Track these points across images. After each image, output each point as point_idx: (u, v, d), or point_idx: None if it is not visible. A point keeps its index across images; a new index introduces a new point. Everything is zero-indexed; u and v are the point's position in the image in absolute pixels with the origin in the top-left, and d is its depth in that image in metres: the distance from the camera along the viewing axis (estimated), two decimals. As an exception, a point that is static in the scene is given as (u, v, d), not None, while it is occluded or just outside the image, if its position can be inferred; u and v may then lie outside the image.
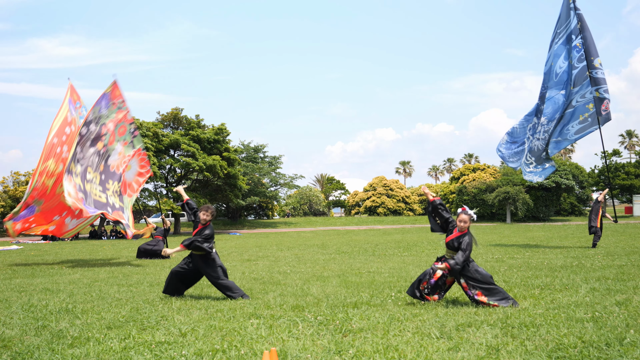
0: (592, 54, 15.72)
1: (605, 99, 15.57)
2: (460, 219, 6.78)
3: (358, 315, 6.06)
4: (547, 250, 15.59)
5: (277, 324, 5.73)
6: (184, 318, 6.10)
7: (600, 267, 10.44)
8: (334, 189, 77.05)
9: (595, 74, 15.63)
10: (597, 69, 15.63)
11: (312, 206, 62.21)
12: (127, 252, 19.11)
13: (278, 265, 12.59)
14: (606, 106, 15.61)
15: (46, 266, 13.69)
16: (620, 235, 21.94)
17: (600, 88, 15.58)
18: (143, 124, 36.12)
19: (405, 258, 14.10)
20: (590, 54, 15.72)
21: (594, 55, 15.70)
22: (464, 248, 6.58)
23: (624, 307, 6.17)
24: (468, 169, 57.81)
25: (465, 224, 6.73)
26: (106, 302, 7.35)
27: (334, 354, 4.55)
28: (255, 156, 52.21)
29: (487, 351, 4.51)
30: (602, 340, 4.69)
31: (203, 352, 4.65)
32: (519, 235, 24.64)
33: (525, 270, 10.34)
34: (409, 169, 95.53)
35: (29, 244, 26.81)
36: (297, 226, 47.73)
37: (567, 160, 65.84)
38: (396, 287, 8.42)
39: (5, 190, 38.01)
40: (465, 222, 6.73)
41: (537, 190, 47.76)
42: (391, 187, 60.23)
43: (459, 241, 6.69)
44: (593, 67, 15.65)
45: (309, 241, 23.88)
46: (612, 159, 53.45)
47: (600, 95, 15.57)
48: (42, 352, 4.73)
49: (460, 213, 6.82)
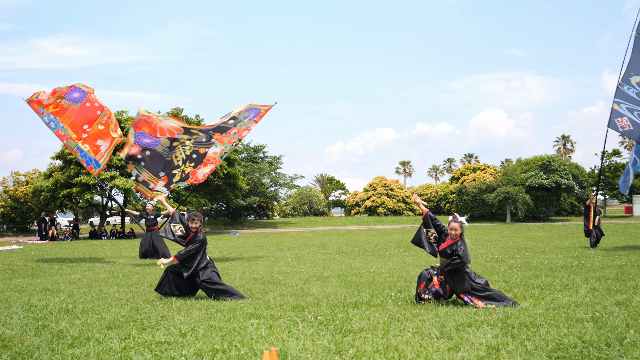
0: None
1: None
2: (450, 227, 6.78)
3: (358, 315, 6.06)
4: (547, 250, 15.60)
5: (277, 324, 5.73)
6: (184, 318, 6.10)
7: (600, 267, 10.44)
8: (334, 189, 77.03)
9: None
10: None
11: (312, 206, 62.20)
12: (127, 252, 19.11)
13: (278, 265, 12.59)
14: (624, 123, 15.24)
15: (46, 266, 13.69)
16: (620, 236, 21.95)
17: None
18: (143, 124, 36.16)
19: (405, 258, 14.10)
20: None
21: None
22: (461, 254, 6.60)
23: (624, 307, 6.17)
24: (468, 169, 57.81)
25: (456, 232, 6.73)
26: (106, 302, 7.35)
27: (334, 354, 4.55)
28: (255, 156, 52.22)
29: (487, 351, 4.51)
30: (602, 340, 4.69)
31: (203, 352, 4.65)
32: (519, 235, 24.64)
33: (525, 270, 10.34)
34: (409, 169, 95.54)
35: (29, 244, 26.81)
36: (297, 226, 47.73)
37: (567, 160, 65.84)
38: (396, 287, 8.42)
39: (5, 190, 38.03)
40: (455, 229, 6.74)
41: (537, 190, 47.75)
42: (391, 187, 60.22)
43: (452, 249, 6.71)
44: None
45: (309, 241, 23.88)
46: (612, 159, 53.41)
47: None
48: (42, 352, 4.73)
49: (450, 221, 6.83)
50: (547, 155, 51.16)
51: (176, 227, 7.88)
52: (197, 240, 7.66)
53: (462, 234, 6.78)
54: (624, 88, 15.27)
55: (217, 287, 7.57)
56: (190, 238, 7.73)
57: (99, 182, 32.89)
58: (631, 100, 15.18)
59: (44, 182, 34.43)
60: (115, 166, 33.83)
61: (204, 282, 7.57)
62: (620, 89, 15.29)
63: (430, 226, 7.06)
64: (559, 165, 48.87)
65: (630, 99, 15.19)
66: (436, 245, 7.02)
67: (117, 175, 32.93)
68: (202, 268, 7.62)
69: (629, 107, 15.17)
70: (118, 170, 33.88)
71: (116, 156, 33.68)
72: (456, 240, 6.74)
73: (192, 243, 7.65)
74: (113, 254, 18.29)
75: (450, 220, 6.85)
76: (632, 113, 15.18)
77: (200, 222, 7.78)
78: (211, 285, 7.56)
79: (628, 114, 15.12)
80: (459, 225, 6.76)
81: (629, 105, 15.20)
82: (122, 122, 35.29)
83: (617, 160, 53.20)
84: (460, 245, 6.68)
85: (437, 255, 7.03)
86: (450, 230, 6.79)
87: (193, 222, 7.75)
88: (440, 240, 6.97)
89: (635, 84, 15.25)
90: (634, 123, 15.07)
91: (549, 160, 48.87)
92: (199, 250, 7.63)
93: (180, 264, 7.69)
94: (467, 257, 6.64)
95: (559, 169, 48.07)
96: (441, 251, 6.84)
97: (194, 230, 7.78)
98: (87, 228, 43.50)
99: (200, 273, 7.60)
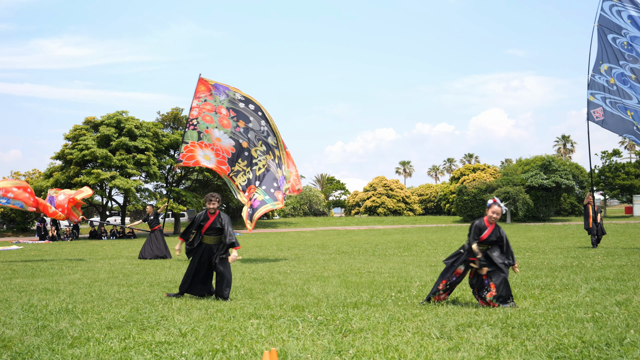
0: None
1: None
2: (493, 210, 6.70)
3: (358, 315, 6.06)
4: (547, 250, 15.59)
5: (277, 324, 5.73)
6: (184, 318, 6.10)
7: (600, 267, 10.44)
8: (334, 189, 77.02)
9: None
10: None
11: (312, 206, 62.19)
12: (127, 252, 19.11)
13: (278, 265, 12.59)
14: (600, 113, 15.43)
15: (46, 266, 13.69)
16: (620, 236, 21.95)
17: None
18: (143, 124, 36.15)
19: (405, 258, 14.10)
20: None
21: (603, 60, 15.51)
22: (507, 240, 6.67)
23: (624, 307, 6.17)
24: (468, 169, 57.80)
25: (497, 216, 6.69)
26: (106, 302, 7.35)
27: (334, 354, 4.55)
28: (255, 156, 52.14)
29: (487, 351, 4.51)
30: (602, 340, 4.69)
31: (203, 352, 4.65)
32: (519, 235, 24.63)
33: (525, 270, 10.34)
34: (409, 169, 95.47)
35: (29, 244, 26.81)
36: (297, 226, 47.72)
37: (567, 160, 65.82)
38: (396, 287, 8.42)
39: (5, 190, 38.03)
40: (497, 213, 6.69)
41: (537, 190, 47.76)
42: (391, 187, 60.21)
43: (497, 235, 6.66)
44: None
45: (309, 241, 23.88)
46: (612, 159, 53.39)
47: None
48: (42, 352, 4.73)
49: (492, 205, 6.75)
50: (547, 155, 51.16)
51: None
52: (225, 220, 7.61)
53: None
54: (596, 78, 15.53)
55: (229, 270, 7.61)
56: (211, 222, 7.59)
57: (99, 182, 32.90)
58: (602, 88, 15.41)
59: (44, 182, 34.45)
60: (115, 166, 33.85)
61: (221, 256, 7.58)
62: (593, 80, 15.52)
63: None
64: (559, 165, 48.85)
65: (602, 87, 15.43)
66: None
67: (117, 175, 32.95)
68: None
69: (602, 95, 15.42)
70: (118, 171, 33.90)
71: (116, 156, 33.77)
72: (495, 226, 6.70)
73: (220, 224, 7.57)
74: (113, 253, 18.29)
75: (491, 203, 6.77)
76: (604, 102, 15.45)
77: (218, 203, 7.70)
78: (225, 266, 7.59)
79: (602, 103, 15.36)
80: (501, 210, 6.72)
81: (602, 94, 15.45)
82: (122, 122, 35.36)
83: (617, 160, 53.18)
84: (500, 228, 6.74)
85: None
86: (492, 214, 6.68)
87: (210, 202, 7.65)
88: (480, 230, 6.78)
89: (604, 72, 15.48)
90: (605, 112, 15.33)
91: (549, 160, 48.87)
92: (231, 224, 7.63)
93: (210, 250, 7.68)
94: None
95: (559, 169, 48.06)
96: (485, 239, 6.66)
97: (212, 212, 7.66)
98: (87, 228, 43.49)
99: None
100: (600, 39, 15.73)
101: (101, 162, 33.47)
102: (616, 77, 15.40)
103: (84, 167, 34.56)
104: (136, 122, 35.69)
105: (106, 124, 35.20)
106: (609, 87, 15.43)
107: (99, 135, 34.46)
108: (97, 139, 34.37)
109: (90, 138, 34.18)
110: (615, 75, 15.41)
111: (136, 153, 34.33)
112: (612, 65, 15.46)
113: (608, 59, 15.51)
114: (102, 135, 34.28)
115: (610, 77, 15.40)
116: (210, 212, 7.69)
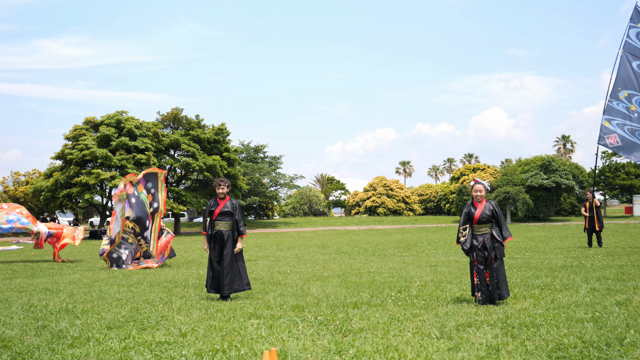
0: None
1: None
2: (475, 189, 6.87)
3: (358, 315, 6.06)
4: (547, 250, 15.60)
5: (277, 324, 5.73)
6: (184, 318, 6.10)
7: (600, 267, 10.44)
8: (334, 189, 77.05)
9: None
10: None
11: (312, 206, 62.21)
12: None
13: (278, 265, 12.59)
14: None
15: (46, 266, 13.69)
16: (620, 236, 21.95)
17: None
18: (143, 124, 36.16)
19: (405, 258, 14.11)
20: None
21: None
22: (499, 213, 6.78)
23: (624, 307, 6.17)
24: (468, 169, 57.82)
25: (481, 193, 6.84)
26: (106, 302, 7.35)
27: (334, 354, 4.55)
28: (255, 156, 52.21)
29: (487, 351, 4.51)
30: (602, 340, 4.69)
31: (203, 352, 4.65)
32: (519, 235, 24.64)
33: (525, 270, 10.34)
34: (409, 169, 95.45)
35: (29, 244, 26.80)
36: (297, 226, 47.73)
37: (567, 160, 65.82)
38: (396, 287, 8.42)
39: (5, 190, 38.02)
40: (480, 191, 6.85)
41: (537, 190, 47.75)
42: (391, 187, 60.22)
43: (490, 209, 6.76)
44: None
45: (309, 241, 23.88)
46: (612, 159, 53.38)
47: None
48: (42, 352, 4.73)
49: (473, 185, 6.92)
50: (547, 155, 51.13)
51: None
52: (236, 206, 7.59)
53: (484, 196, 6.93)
54: (613, 104, 15.55)
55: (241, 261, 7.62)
56: (222, 207, 7.54)
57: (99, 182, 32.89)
58: (621, 115, 15.44)
59: (44, 182, 34.45)
60: (115, 166, 33.85)
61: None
62: (609, 106, 15.58)
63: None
64: (559, 165, 48.84)
65: (620, 114, 15.45)
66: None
67: (117, 175, 32.94)
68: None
69: (619, 122, 15.44)
70: (118, 171, 33.89)
71: (116, 156, 33.78)
72: (485, 201, 6.82)
73: (231, 208, 7.54)
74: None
75: (473, 184, 6.94)
76: (622, 128, 15.46)
77: (228, 188, 7.65)
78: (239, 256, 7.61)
79: (618, 129, 15.37)
80: (483, 187, 6.87)
81: (620, 120, 15.47)
82: (122, 122, 35.37)
83: (617, 160, 53.17)
84: (492, 202, 6.84)
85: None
86: (475, 192, 6.86)
87: (219, 187, 7.61)
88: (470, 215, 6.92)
89: (623, 99, 15.51)
90: (623, 139, 15.35)
91: (549, 160, 48.86)
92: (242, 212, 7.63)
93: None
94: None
95: (559, 169, 48.05)
96: (478, 219, 6.78)
97: (222, 197, 7.60)
98: (87, 228, 43.46)
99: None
100: (624, 65, 15.67)
101: (101, 162, 33.47)
102: (638, 105, 15.44)
103: (84, 167, 34.56)
104: (136, 122, 35.71)
105: (106, 124, 35.20)
106: (630, 114, 15.39)
107: (99, 135, 34.45)
108: (97, 139, 34.36)
109: (90, 138, 34.18)
110: (637, 103, 15.44)
111: (136, 153, 34.33)
112: (634, 93, 15.47)
113: (629, 85, 15.52)
114: (102, 135, 34.27)
115: (631, 104, 15.37)
116: (220, 197, 7.65)
